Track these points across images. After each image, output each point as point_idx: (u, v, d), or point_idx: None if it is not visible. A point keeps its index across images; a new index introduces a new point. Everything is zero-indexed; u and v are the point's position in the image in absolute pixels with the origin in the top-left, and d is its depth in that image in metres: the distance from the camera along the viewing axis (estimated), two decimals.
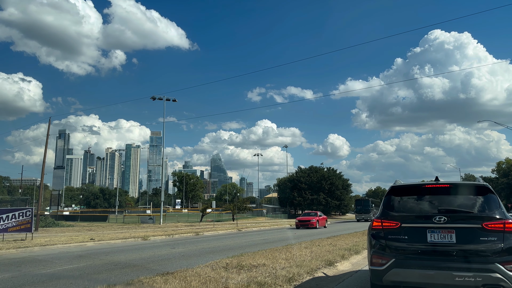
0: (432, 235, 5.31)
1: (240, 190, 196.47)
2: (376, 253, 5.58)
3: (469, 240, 5.13)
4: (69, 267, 9.67)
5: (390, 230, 5.59)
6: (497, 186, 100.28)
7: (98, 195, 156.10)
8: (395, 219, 5.61)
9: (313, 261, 8.50)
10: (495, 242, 5.02)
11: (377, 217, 5.94)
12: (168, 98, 50.23)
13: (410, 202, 5.96)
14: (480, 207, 5.48)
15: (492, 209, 5.38)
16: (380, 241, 5.60)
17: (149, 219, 49.70)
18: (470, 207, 5.51)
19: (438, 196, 5.78)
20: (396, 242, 5.46)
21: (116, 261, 10.52)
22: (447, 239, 5.23)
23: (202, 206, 65.59)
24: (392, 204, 5.91)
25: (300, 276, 6.60)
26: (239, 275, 6.16)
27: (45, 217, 48.22)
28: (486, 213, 5.33)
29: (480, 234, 5.10)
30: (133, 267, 9.26)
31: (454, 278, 4.95)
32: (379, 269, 5.45)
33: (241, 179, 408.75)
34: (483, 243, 5.06)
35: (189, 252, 12.84)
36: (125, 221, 51.63)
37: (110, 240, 18.23)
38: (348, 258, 10.29)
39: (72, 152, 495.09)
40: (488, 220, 5.17)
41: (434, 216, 5.35)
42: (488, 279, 4.82)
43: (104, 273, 8.19)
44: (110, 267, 9.44)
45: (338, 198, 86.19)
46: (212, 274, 6.22)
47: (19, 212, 16.93)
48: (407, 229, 5.49)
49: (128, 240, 18.87)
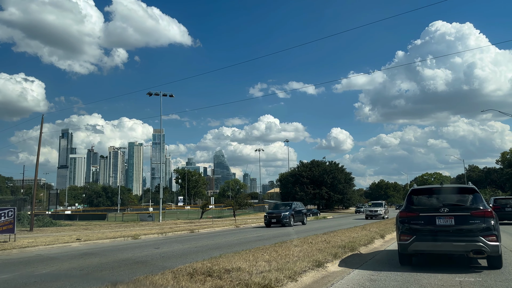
0: (439, 220, 7.98)
1: (243, 186, 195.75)
2: (403, 233, 8.29)
3: (462, 223, 7.79)
4: (16, 274, 8.96)
5: (412, 217, 8.30)
6: (501, 176, 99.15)
7: (100, 194, 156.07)
8: (415, 210, 8.38)
9: (299, 262, 7.57)
10: (479, 223, 7.68)
11: (402, 209, 8.68)
12: (165, 94, 49.33)
13: (424, 199, 8.82)
14: (469, 202, 8.22)
15: (477, 202, 8.10)
16: (405, 225, 8.33)
17: (148, 217, 49.04)
18: (463, 202, 8.32)
19: (442, 195, 8.56)
20: (416, 225, 8.15)
21: (82, 266, 9.71)
22: (449, 222, 7.89)
23: (202, 203, 64.84)
24: (412, 200, 8.70)
25: (279, 283, 5.69)
26: (203, 285, 5.30)
27: (43, 216, 47.62)
28: (474, 205, 8.06)
29: (470, 218, 7.78)
30: (92, 273, 8.48)
31: (453, 246, 7.70)
32: (405, 243, 8.16)
33: (244, 175, 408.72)
34: (471, 224, 7.71)
35: (171, 253, 12.00)
36: (124, 219, 50.95)
37: (98, 240, 17.46)
38: (341, 257, 9.42)
39: (76, 151, 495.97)
40: (474, 210, 7.89)
41: (440, 208, 8.08)
42: (474, 246, 7.52)
43: (38, 285, 7.39)
44: (68, 272, 8.74)
45: (341, 192, 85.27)
46: (170, 283, 5.37)
47: (0, 213, 16.17)
48: (423, 216, 8.19)
49: (117, 240, 18.11)
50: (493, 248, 7.44)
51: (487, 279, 7.02)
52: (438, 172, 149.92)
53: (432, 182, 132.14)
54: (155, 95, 48.62)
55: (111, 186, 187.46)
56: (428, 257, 9.24)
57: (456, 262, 9.02)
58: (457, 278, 7.13)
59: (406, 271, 7.86)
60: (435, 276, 7.30)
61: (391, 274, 7.62)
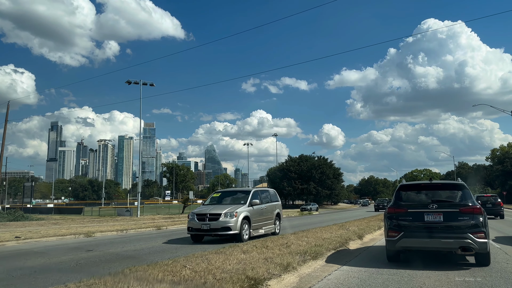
0: (427, 216, 7.80)
1: (232, 181, 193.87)
2: (391, 229, 8.06)
3: (451, 219, 7.66)
4: None
5: (400, 213, 8.08)
6: (491, 173, 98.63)
7: (86, 187, 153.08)
8: (403, 206, 8.15)
9: None
10: (468, 220, 7.56)
11: (390, 205, 8.43)
12: (145, 82, 47.20)
13: (412, 195, 8.54)
14: (458, 198, 8.07)
15: (466, 199, 7.95)
16: (393, 221, 8.10)
17: (126, 212, 46.90)
18: (452, 198, 8.19)
19: (431, 191, 8.40)
20: (404, 221, 7.96)
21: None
22: (437, 219, 7.72)
23: (184, 197, 62.84)
24: (401, 196, 8.47)
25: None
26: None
27: (14, 210, 45.47)
28: (462, 202, 7.92)
29: (458, 215, 7.66)
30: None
31: (442, 243, 7.61)
32: (393, 239, 7.95)
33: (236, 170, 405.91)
34: (460, 221, 7.60)
35: (87, 260, 9.58)
36: (101, 213, 48.78)
37: (42, 238, 15.46)
38: (296, 269, 7.19)
39: (65, 144, 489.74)
40: (463, 206, 7.78)
41: (429, 204, 7.89)
42: (463, 243, 7.41)
43: None
44: None
45: (329, 187, 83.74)
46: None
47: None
48: (411, 213, 7.99)
49: (66, 238, 16.10)
50: (481, 245, 7.36)
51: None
52: (427, 169, 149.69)
53: (422, 178, 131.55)
54: (135, 84, 46.57)
55: (97, 180, 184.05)
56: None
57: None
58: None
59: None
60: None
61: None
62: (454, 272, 7.30)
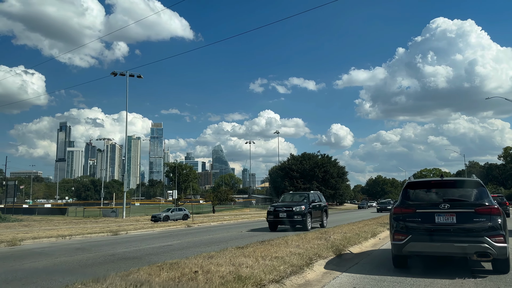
0: (438, 217, 7.14)
1: (238, 181, 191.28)
2: (397, 231, 7.43)
3: (465, 221, 6.94)
4: None
5: (408, 214, 7.43)
6: (504, 172, 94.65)
7: (89, 187, 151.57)
8: (411, 206, 7.47)
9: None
10: (484, 221, 6.83)
11: (397, 205, 7.75)
12: (132, 74, 45.09)
13: (421, 193, 7.91)
14: (474, 197, 7.38)
15: (482, 198, 7.24)
16: (400, 223, 7.45)
17: (112, 213, 44.44)
18: (467, 197, 7.46)
19: (442, 189, 7.76)
20: (412, 223, 7.30)
21: None
22: (450, 220, 7.04)
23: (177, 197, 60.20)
24: (409, 195, 7.81)
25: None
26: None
27: None
28: (478, 201, 7.21)
29: (474, 216, 6.92)
30: None
31: (454, 247, 6.84)
32: (399, 243, 7.29)
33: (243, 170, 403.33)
34: (476, 222, 6.87)
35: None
36: (86, 214, 46.29)
37: None
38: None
39: (75, 144, 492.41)
40: (479, 206, 7.02)
41: (440, 204, 7.19)
42: (478, 248, 6.67)
43: None
44: None
45: (333, 187, 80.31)
46: None
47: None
48: (420, 213, 7.32)
49: None
50: (500, 250, 6.61)
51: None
52: (437, 168, 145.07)
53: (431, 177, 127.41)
54: (121, 75, 44.08)
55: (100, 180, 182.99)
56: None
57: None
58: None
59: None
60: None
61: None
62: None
